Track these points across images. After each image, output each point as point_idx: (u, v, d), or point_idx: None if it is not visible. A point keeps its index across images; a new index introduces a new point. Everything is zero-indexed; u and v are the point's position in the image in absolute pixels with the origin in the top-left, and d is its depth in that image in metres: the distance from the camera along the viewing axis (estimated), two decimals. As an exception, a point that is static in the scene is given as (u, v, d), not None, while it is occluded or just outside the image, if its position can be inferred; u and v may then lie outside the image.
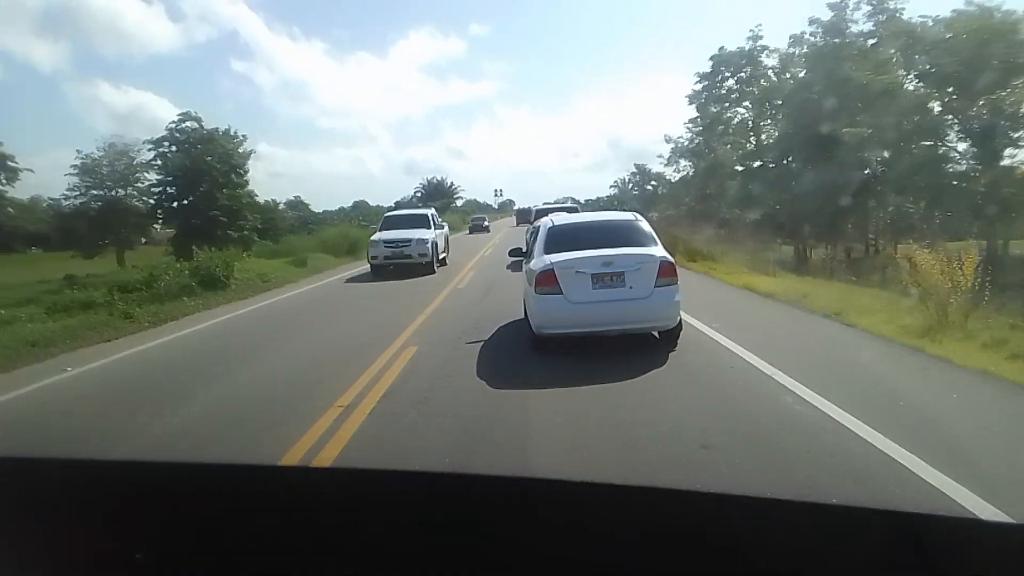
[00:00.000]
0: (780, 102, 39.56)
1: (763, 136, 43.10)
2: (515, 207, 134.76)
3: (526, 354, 7.34)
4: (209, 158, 34.34)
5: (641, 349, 7.16)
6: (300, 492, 1.21)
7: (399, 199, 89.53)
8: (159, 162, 36.24)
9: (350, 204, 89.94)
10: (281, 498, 1.18)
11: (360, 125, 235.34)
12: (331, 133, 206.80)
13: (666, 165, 50.37)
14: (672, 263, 7.22)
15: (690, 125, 46.45)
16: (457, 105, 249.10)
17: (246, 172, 36.72)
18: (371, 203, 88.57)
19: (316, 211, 72.93)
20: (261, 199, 41.01)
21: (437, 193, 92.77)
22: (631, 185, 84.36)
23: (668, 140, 48.64)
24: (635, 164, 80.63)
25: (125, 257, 37.65)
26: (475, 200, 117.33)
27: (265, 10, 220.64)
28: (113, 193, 39.53)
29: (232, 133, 36.28)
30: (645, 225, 8.03)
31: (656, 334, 7.44)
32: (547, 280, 7.04)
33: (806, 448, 4.42)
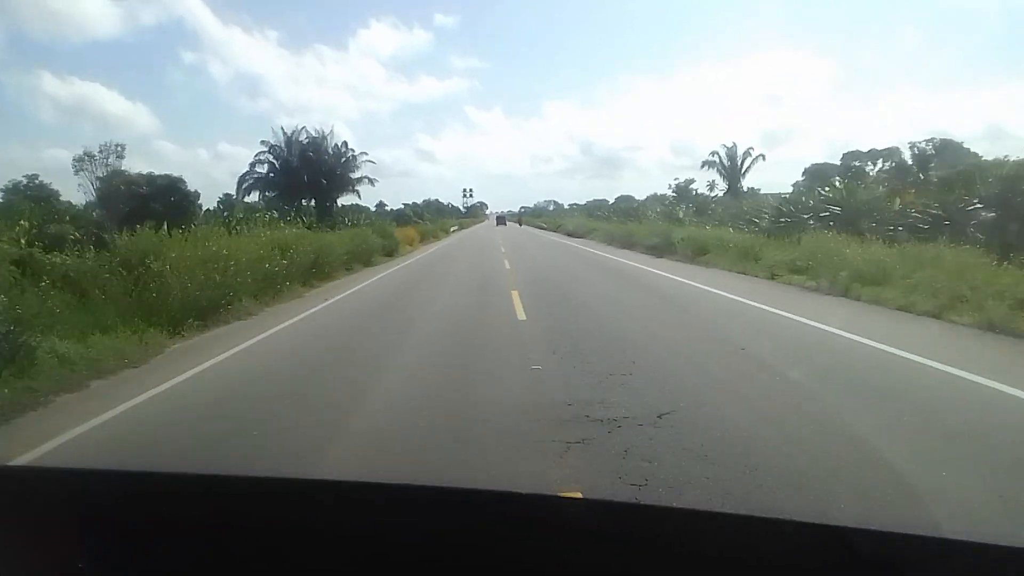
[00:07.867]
0: None
1: None
2: (488, 211, 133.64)
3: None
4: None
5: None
6: (303, 504, 1.20)
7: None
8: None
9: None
10: (283, 511, 1.17)
11: (323, 123, 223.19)
12: (293, 132, 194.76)
13: None
14: None
15: None
16: (426, 104, 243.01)
17: None
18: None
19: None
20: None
21: (305, 167, 37.24)
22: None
23: None
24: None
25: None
26: (437, 200, 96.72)
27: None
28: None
29: None
30: None
31: None
32: None
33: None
